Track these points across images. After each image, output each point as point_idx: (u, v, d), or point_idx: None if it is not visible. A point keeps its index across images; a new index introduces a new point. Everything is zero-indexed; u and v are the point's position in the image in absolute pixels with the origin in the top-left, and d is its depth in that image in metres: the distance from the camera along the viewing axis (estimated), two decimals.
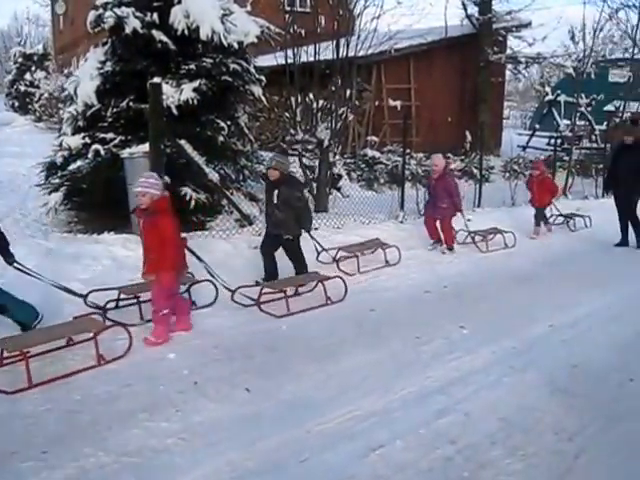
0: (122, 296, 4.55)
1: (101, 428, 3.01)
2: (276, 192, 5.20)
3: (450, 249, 7.08)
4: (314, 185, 8.82)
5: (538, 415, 3.32)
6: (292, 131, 8.91)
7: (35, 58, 23.41)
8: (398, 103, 15.00)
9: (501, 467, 2.85)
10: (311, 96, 8.70)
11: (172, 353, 3.89)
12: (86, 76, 7.16)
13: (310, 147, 8.89)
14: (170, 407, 3.23)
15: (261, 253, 5.45)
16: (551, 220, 8.89)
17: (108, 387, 3.43)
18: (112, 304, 4.54)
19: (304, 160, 9.08)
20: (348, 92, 8.98)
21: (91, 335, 3.72)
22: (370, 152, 12.68)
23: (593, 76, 15.55)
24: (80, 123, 7.13)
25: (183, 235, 4.49)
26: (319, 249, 5.97)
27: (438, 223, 7.07)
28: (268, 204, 5.39)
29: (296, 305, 4.90)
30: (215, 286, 4.84)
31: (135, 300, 4.52)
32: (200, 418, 3.15)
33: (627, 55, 17.70)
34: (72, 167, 6.76)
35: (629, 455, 2.99)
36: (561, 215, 9.08)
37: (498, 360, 4.03)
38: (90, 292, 4.49)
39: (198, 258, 4.69)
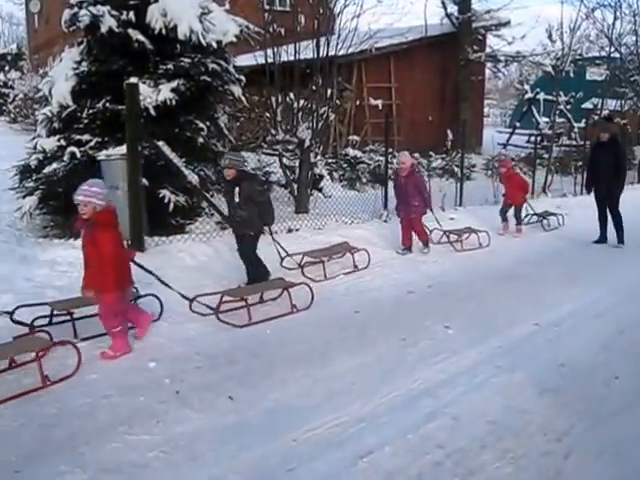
0: (55, 312, 4.18)
1: (78, 443, 2.88)
2: (237, 190, 5.02)
3: (426, 244, 7.01)
4: (295, 186, 8.74)
5: (526, 416, 3.28)
6: (273, 131, 8.82)
7: (9, 58, 22.93)
8: (379, 102, 15.01)
9: (491, 471, 2.80)
10: (292, 96, 8.63)
11: (153, 362, 3.77)
12: (61, 76, 6.99)
13: (291, 147, 8.81)
14: (151, 418, 3.12)
15: (240, 258, 5.33)
16: (526, 219, 8.79)
17: (86, 399, 3.30)
18: (44, 320, 4.15)
19: (285, 160, 9.00)
20: (329, 91, 8.92)
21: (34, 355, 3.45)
22: (352, 151, 12.65)
23: (572, 74, 15.71)
24: (55, 125, 6.96)
25: (130, 248, 4.23)
26: (283, 254, 5.72)
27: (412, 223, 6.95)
28: (230, 205, 5.23)
29: (263, 313, 4.72)
30: (159, 300, 4.48)
31: (69, 317, 4.16)
32: (182, 429, 3.04)
33: (603, 53, 17.94)
34: (47, 170, 6.58)
35: (616, 455, 2.96)
36: (535, 214, 9.01)
37: (485, 360, 3.99)
38: (17, 308, 4.14)
39: (148, 271, 4.36)
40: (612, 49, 16.56)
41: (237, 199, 5.04)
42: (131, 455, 2.81)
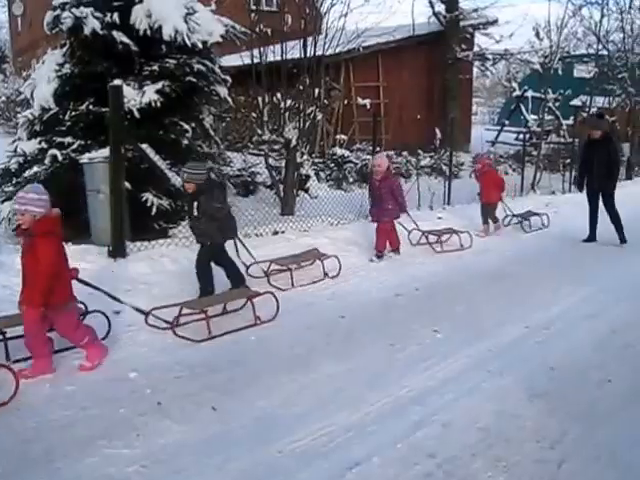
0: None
1: (55, 457, 2.77)
2: (195, 204, 4.86)
3: (379, 257, 6.58)
4: (281, 187, 8.65)
5: (518, 422, 3.22)
6: (259, 131, 8.73)
7: None
8: (367, 101, 14.95)
9: None
10: (278, 96, 8.54)
11: (133, 372, 3.65)
12: (43, 79, 6.88)
13: (277, 147, 8.72)
14: (131, 431, 3.01)
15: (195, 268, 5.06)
16: (506, 221, 8.49)
17: (65, 412, 3.18)
18: None
19: (271, 161, 8.92)
20: (316, 91, 8.84)
21: None
22: (339, 151, 12.59)
23: (560, 72, 15.74)
24: (37, 127, 6.85)
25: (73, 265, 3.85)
26: (248, 263, 5.47)
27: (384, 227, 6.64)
28: (190, 217, 5.08)
29: (230, 324, 4.50)
30: (107, 317, 4.18)
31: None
32: (164, 441, 2.93)
33: (591, 51, 17.97)
34: (28, 174, 6.46)
35: (612, 459, 2.90)
36: (514, 215, 8.58)
37: (474, 365, 3.92)
38: None
39: (95, 287, 4.07)
40: (600, 46, 16.57)
41: (196, 212, 4.88)
42: (110, 470, 2.70)
